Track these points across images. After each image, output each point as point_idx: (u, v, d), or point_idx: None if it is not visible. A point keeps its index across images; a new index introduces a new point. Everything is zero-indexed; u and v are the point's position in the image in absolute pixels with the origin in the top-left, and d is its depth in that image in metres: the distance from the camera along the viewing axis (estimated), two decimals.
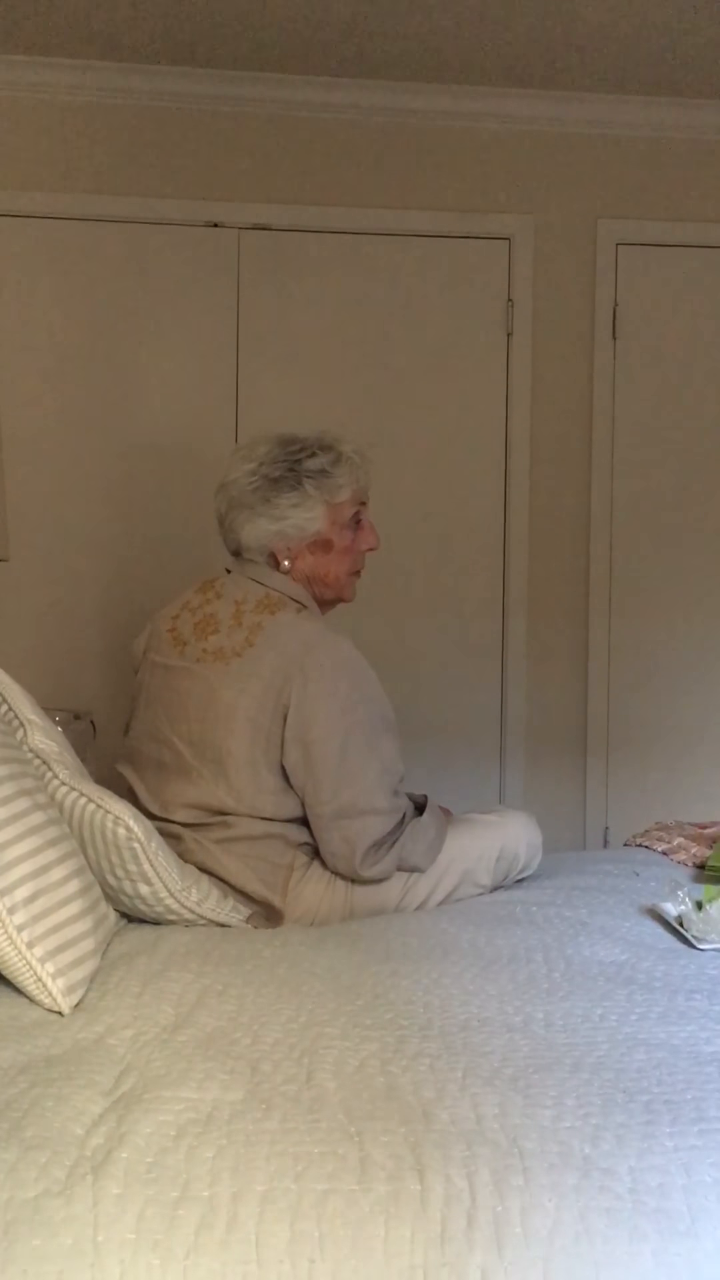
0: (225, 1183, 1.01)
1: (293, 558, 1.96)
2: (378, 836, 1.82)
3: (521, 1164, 1.03)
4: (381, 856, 1.84)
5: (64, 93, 3.20)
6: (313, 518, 1.94)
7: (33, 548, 3.18)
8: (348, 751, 1.82)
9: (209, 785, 1.85)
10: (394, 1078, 1.19)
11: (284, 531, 1.93)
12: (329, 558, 1.98)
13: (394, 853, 1.85)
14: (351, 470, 1.98)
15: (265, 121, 3.28)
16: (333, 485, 1.94)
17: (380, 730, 1.87)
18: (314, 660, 1.83)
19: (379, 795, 1.83)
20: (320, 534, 1.95)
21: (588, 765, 3.41)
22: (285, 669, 1.82)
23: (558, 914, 1.78)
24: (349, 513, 1.99)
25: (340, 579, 2.00)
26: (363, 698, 1.86)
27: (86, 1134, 1.07)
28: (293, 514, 1.93)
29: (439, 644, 3.34)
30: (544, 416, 3.39)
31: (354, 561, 2.02)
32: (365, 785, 1.82)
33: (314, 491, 1.93)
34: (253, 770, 1.83)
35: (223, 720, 1.84)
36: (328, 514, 1.95)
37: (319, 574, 1.98)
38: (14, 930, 1.35)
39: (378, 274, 3.32)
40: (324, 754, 1.82)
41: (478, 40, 3.01)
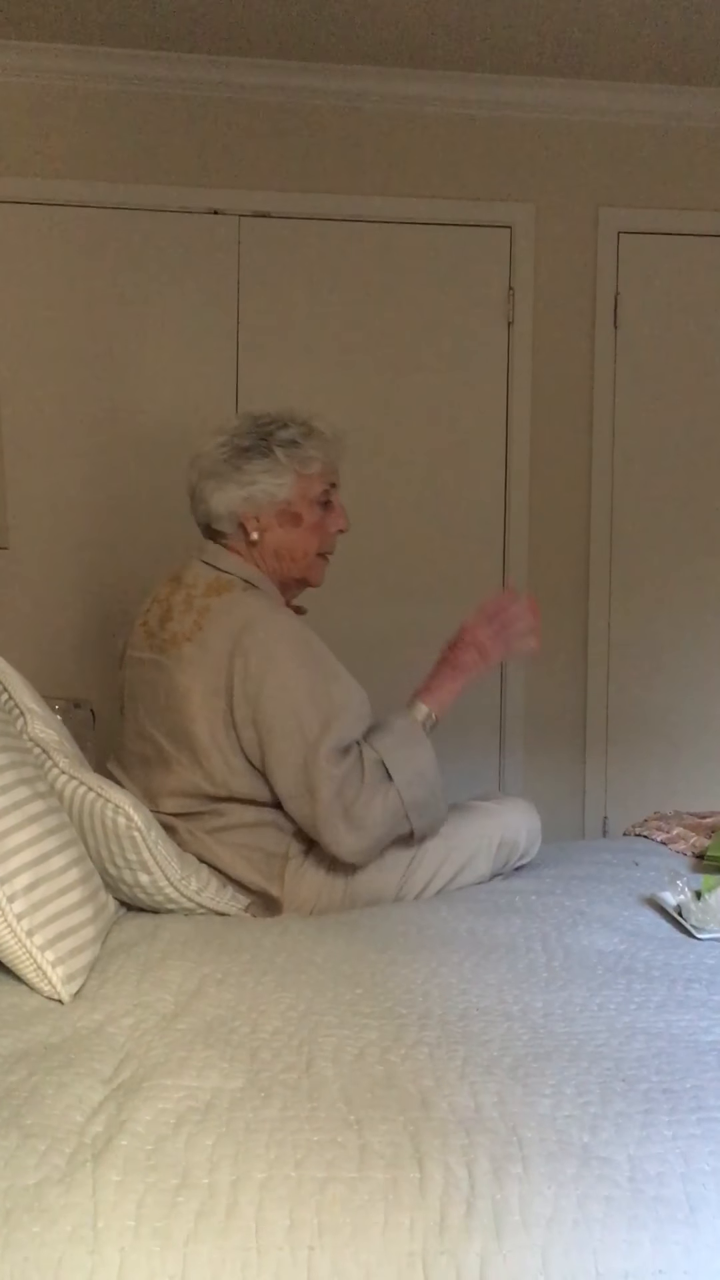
0: (225, 1170, 1.01)
1: (262, 530, 1.95)
2: (335, 795, 1.76)
3: (520, 1152, 1.04)
4: (357, 816, 1.77)
5: (63, 79, 3.19)
6: (282, 484, 1.93)
7: (32, 536, 3.17)
8: (298, 728, 1.79)
9: (187, 772, 1.85)
10: (393, 1066, 1.19)
11: (253, 497, 1.93)
12: (298, 532, 1.97)
13: (369, 808, 1.77)
14: (323, 444, 1.98)
15: (266, 108, 3.27)
16: (303, 456, 1.95)
17: (325, 701, 1.81)
18: (253, 638, 1.82)
19: (330, 760, 1.77)
20: (289, 503, 1.95)
21: (587, 756, 3.41)
22: (228, 649, 1.82)
23: (557, 903, 1.78)
24: (319, 488, 1.98)
25: (308, 557, 1.99)
26: (304, 667, 1.81)
27: (86, 1122, 1.07)
28: (262, 479, 1.92)
29: (438, 634, 3.33)
30: (544, 405, 3.38)
31: (323, 541, 2.01)
32: (319, 757, 1.77)
33: (284, 459, 1.93)
34: (220, 754, 1.83)
35: (183, 707, 1.85)
36: (297, 483, 1.95)
37: (286, 548, 1.97)
38: (13, 918, 1.35)
39: (378, 262, 3.31)
40: (275, 735, 1.79)
41: (480, 27, 2.99)
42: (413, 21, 2.97)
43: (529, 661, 3.38)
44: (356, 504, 3.18)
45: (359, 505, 3.20)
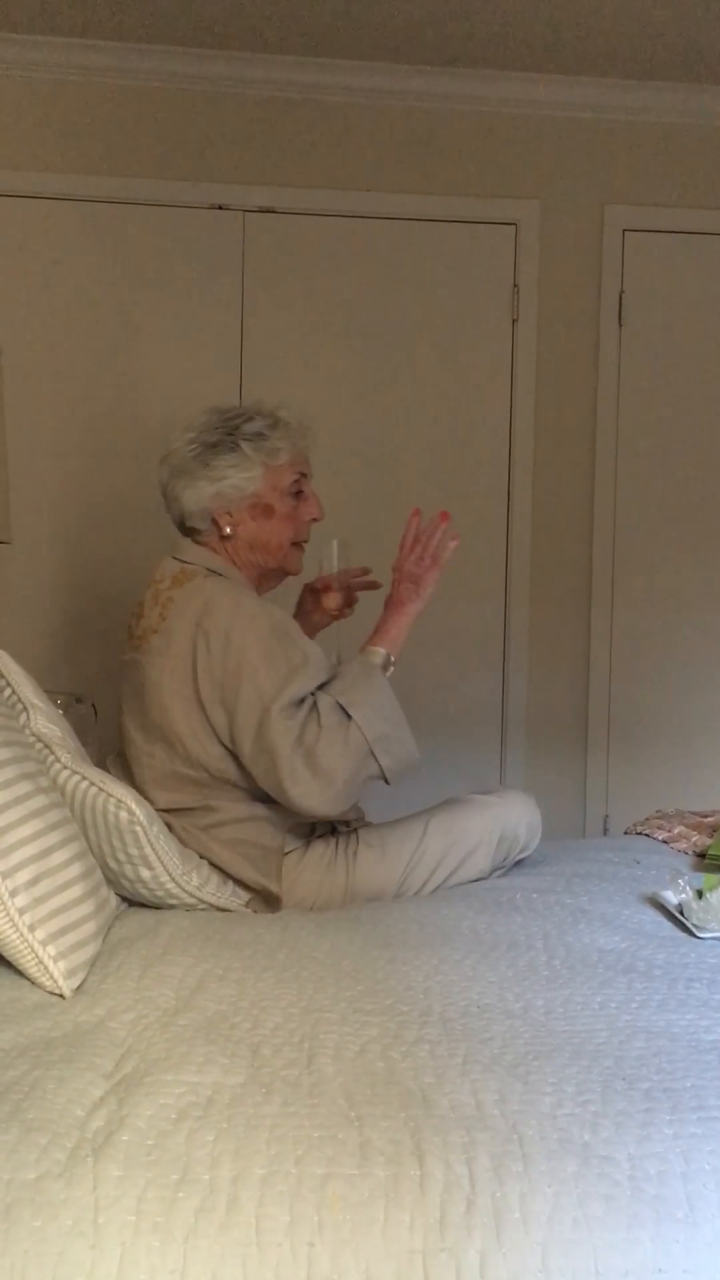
0: (225, 1166, 1.01)
1: (235, 524, 1.96)
2: (294, 745, 1.76)
3: (521, 1150, 1.04)
4: (320, 761, 1.76)
5: (69, 73, 3.18)
6: (251, 478, 1.94)
7: (35, 530, 3.17)
8: (256, 696, 1.78)
9: (170, 764, 1.86)
10: (394, 1063, 1.19)
11: (223, 492, 1.94)
12: (270, 524, 1.98)
13: (330, 749, 1.76)
14: (289, 435, 1.99)
15: (271, 104, 3.26)
16: (270, 448, 1.96)
17: (283, 665, 1.80)
18: (212, 620, 1.83)
19: (284, 714, 1.76)
20: (259, 496, 1.96)
21: (588, 754, 3.41)
22: (191, 634, 1.84)
23: (558, 901, 1.78)
24: (289, 479, 1.99)
25: (283, 546, 2.00)
26: (260, 640, 1.81)
27: (87, 1116, 1.08)
28: (231, 474, 1.94)
29: (440, 631, 3.33)
30: (548, 403, 3.38)
31: (297, 530, 2.02)
32: (272, 714, 1.77)
33: (252, 453, 1.94)
34: (198, 741, 1.84)
35: (158, 698, 1.86)
36: (266, 476, 1.96)
37: (261, 540, 1.98)
38: (16, 913, 1.35)
39: (383, 258, 3.30)
40: (239, 709, 1.79)
41: (486, 24, 2.99)
42: (419, 17, 2.96)
43: (531, 659, 3.38)
44: (359, 501, 3.19)
45: (361, 502, 3.21)
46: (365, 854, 1.90)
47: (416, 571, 1.97)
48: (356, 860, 1.89)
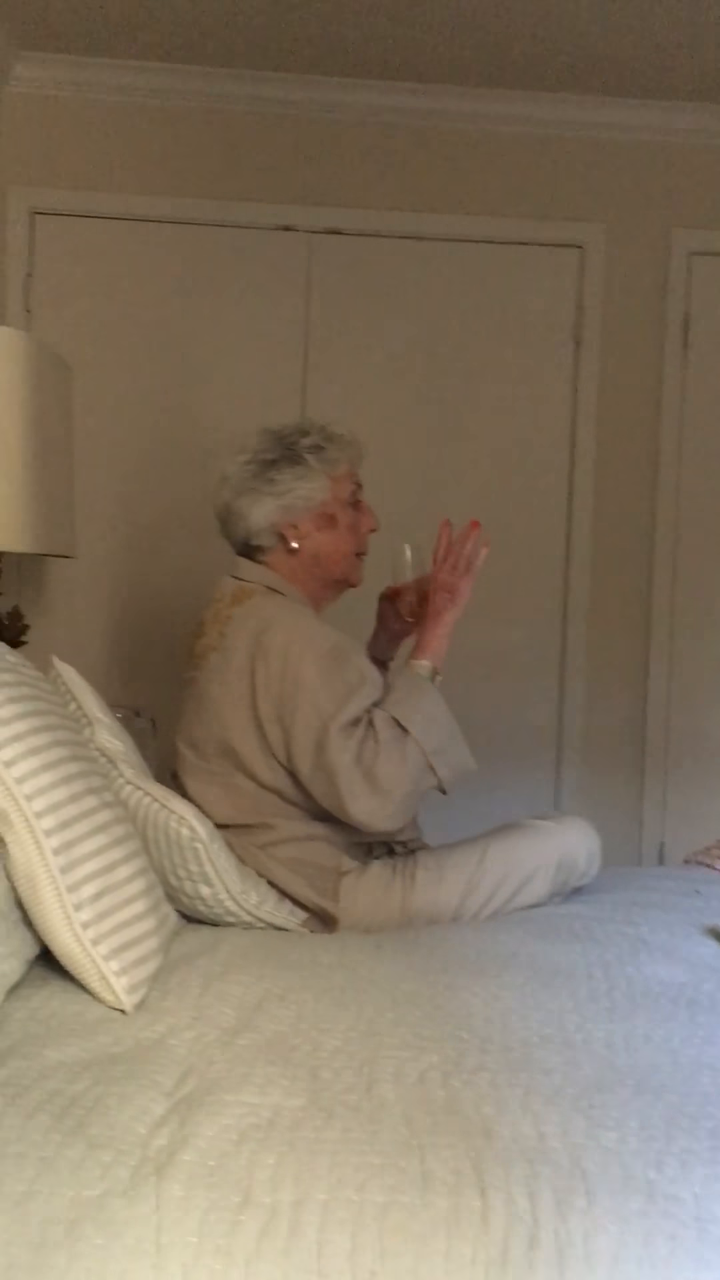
0: (287, 1190, 1.01)
1: (301, 536, 1.98)
2: (353, 763, 1.76)
3: (584, 1186, 1.02)
4: (379, 777, 1.76)
5: (139, 96, 3.23)
6: (316, 488, 1.96)
7: (98, 546, 3.21)
8: (315, 714, 1.80)
9: (230, 781, 1.87)
10: (455, 1091, 1.19)
11: (291, 505, 1.96)
12: (335, 534, 1.99)
13: (389, 764, 1.76)
14: (344, 446, 2.01)
15: (339, 126, 3.29)
16: (329, 458, 1.98)
17: (340, 686, 1.81)
18: (271, 638, 1.84)
19: (342, 734, 1.78)
20: (324, 505, 1.97)
21: (645, 780, 3.37)
22: (250, 652, 1.85)
23: (617, 930, 1.76)
24: (348, 489, 2.01)
25: (347, 557, 2.02)
26: (320, 659, 1.82)
27: (149, 1134, 1.08)
28: (297, 485, 1.96)
29: (497, 651, 3.32)
30: (611, 426, 3.36)
31: (358, 541, 2.03)
32: (330, 734, 1.78)
33: (315, 464, 1.97)
34: (256, 758, 1.86)
35: (217, 716, 1.88)
36: (330, 486, 1.98)
37: (326, 552, 1.99)
38: (79, 927, 1.36)
39: (448, 279, 3.31)
40: (296, 728, 1.81)
41: (555, 46, 2.99)
42: (487, 41, 2.98)
43: (588, 680, 3.36)
44: (418, 520, 3.18)
45: (421, 523, 3.20)
46: (423, 876, 1.90)
47: (451, 581, 1.97)
48: (414, 882, 1.89)
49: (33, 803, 1.36)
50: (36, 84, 3.21)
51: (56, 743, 1.45)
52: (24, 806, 1.36)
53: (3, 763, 1.36)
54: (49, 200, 3.23)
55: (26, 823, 1.36)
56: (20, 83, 3.21)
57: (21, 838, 1.36)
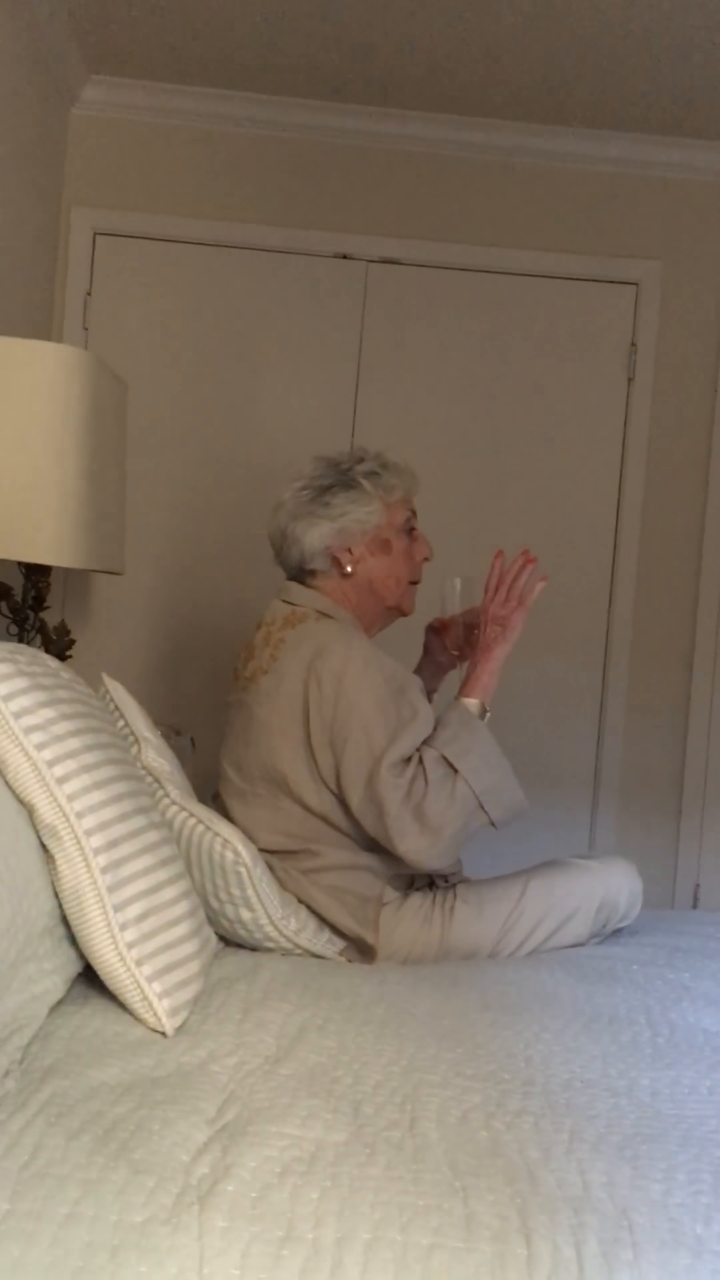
0: (330, 1226, 1.00)
1: (355, 561, 1.98)
2: (402, 801, 1.77)
3: (631, 1238, 1.01)
4: (429, 815, 1.76)
5: (206, 121, 3.27)
6: (372, 511, 1.97)
7: (145, 564, 3.23)
8: (366, 745, 1.80)
9: (276, 803, 1.87)
10: (498, 1134, 1.17)
11: (346, 529, 1.96)
12: (389, 560, 2.00)
13: (438, 803, 1.76)
14: (399, 474, 2.02)
15: (398, 157, 3.32)
16: (385, 484, 1.99)
17: (394, 718, 1.81)
18: (325, 663, 1.84)
19: (392, 771, 1.78)
20: (379, 530, 1.98)
21: (682, 820, 3.34)
22: (303, 677, 1.85)
23: (659, 975, 1.74)
24: (402, 515, 2.02)
25: (401, 584, 2.02)
26: (373, 688, 1.82)
27: (192, 1161, 1.07)
28: (352, 509, 1.96)
29: (536, 686, 3.31)
30: (660, 464, 3.35)
31: (412, 569, 2.04)
32: (382, 769, 1.78)
33: (371, 489, 1.97)
34: (303, 783, 1.85)
35: (265, 739, 1.87)
36: (385, 510, 1.99)
37: (380, 577, 2.00)
38: (124, 947, 1.36)
39: (502, 312, 3.32)
40: (347, 757, 1.81)
41: (615, 85, 3.01)
42: (552, 78, 3.00)
43: (628, 717, 3.34)
44: (464, 549, 3.18)
45: (469, 551, 3.21)
46: (462, 910, 1.88)
47: (503, 614, 1.95)
48: (453, 916, 1.88)
49: (83, 820, 1.37)
50: (104, 107, 3.26)
51: (108, 760, 1.45)
52: (74, 823, 1.36)
53: (55, 779, 1.36)
54: (111, 221, 3.27)
55: (75, 839, 1.36)
56: (88, 105, 3.26)
57: (70, 854, 1.36)
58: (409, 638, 2.27)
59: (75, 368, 2.29)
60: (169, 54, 3.05)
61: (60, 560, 2.28)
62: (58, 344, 2.34)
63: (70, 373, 2.28)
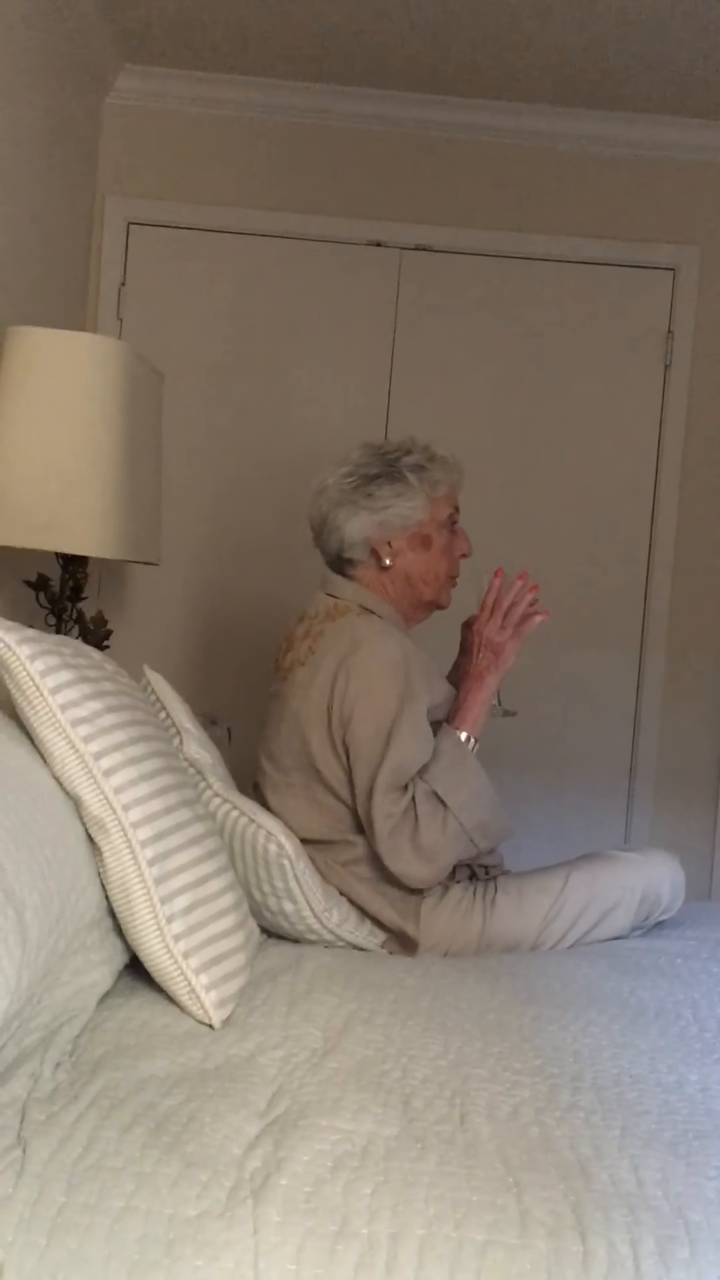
0: (384, 1221, 1.00)
1: (394, 553, 1.97)
2: (390, 832, 1.77)
3: (687, 1236, 1.00)
4: (423, 847, 1.76)
5: (239, 110, 3.26)
6: (415, 506, 1.95)
7: (181, 554, 3.23)
8: (370, 757, 1.79)
9: (311, 795, 1.87)
10: (548, 1129, 1.17)
11: (387, 522, 1.95)
12: (429, 555, 1.98)
13: (429, 838, 1.76)
14: (446, 468, 2.00)
15: (431, 143, 3.29)
16: (431, 479, 1.97)
17: (409, 734, 1.80)
18: (358, 659, 1.83)
19: (386, 796, 1.78)
20: (421, 525, 1.96)
21: (719, 812, 3.31)
22: (335, 669, 1.85)
23: (703, 969, 1.73)
24: (446, 511, 2.00)
25: (439, 579, 2.00)
26: (395, 699, 1.81)
27: (244, 1155, 1.07)
28: (396, 503, 1.94)
29: (572, 675, 3.29)
30: (697, 451, 3.32)
31: (451, 564, 2.02)
32: (378, 790, 1.78)
33: (416, 483, 1.95)
34: (333, 774, 1.85)
35: (297, 731, 1.87)
36: (429, 506, 1.97)
37: (419, 572, 1.98)
38: (171, 940, 1.36)
39: (536, 299, 3.29)
40: (358, 762, 1.81)
41: (651, 68, 2.97)
42: (587, 63, 2.96)
43: (664, 707, 3.31)
44: (500, 540, 3.17)
45: (504, 540, 3.20)
46: (503, 902, 1.88)
47: (498, 641, 1.92)
48: (494, 908, 1.87)
49: (130, 812, 1.37)
50: (138, 96, 3.25)
51: (153, 753, 1.45)
52: (121, 816, 1.37)
53: (102, 771, 1.36)
54: (145, 211, 3.26)
55: (123, 832, 1.36)
56: (122, 94, 3.25)
57: (117, 847, 1.36)
58: (437, 633, 2.25)
59: (111, 358, 2.29)
60: (202, 42, 3.04)
61: (97, 551, 2.28)
62: (93, 335, 2.34)
63: (106, 364, 2.28)
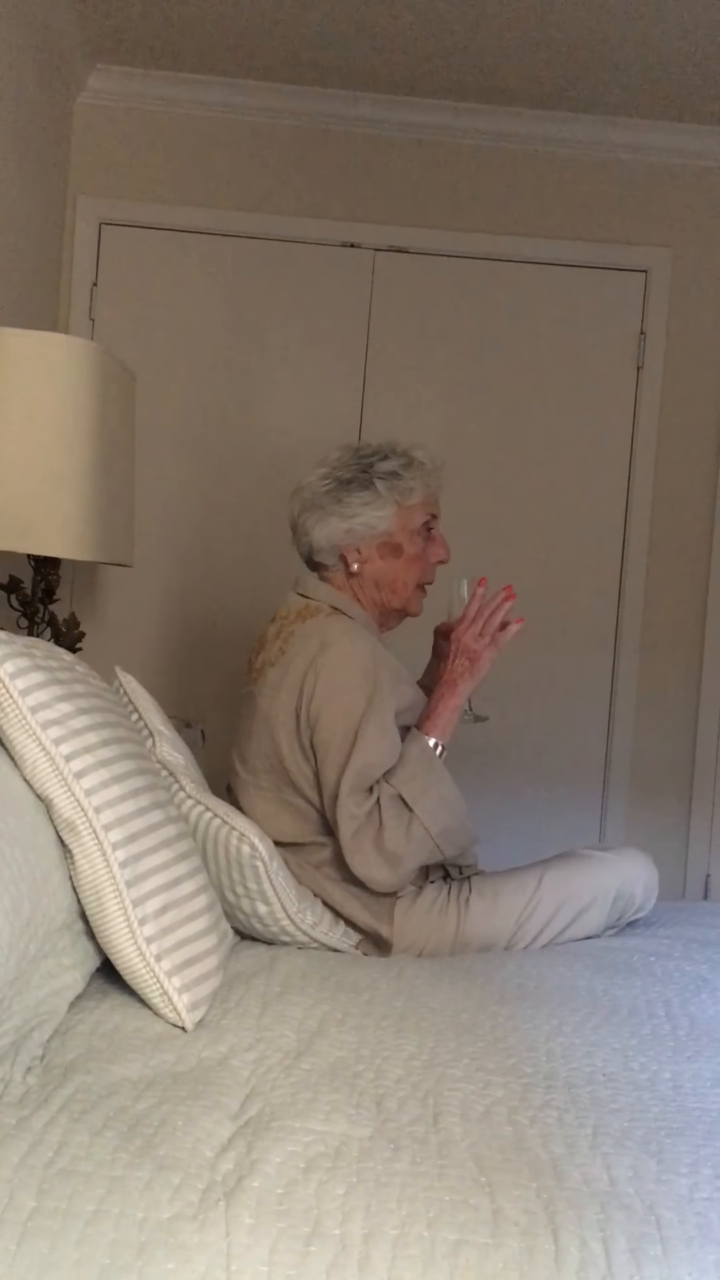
0: (357, 1222, 0.99)
1: (362, 560, 1.96)
2: (354, 834, 1.77)
3: (659, 1234, 1.00)
4: (386, 851, 1.76)
5: (212, 110, 3.26)
6: (383, 516, 1.94)
7: (154, 555, 3.22)
8: (337, 758, 1.80)
9: (274, 793, 1.87)
10: (521, 1128, 1.17)
11: (354, 530, 1.94)
12: (398, 563, 1.98)
13: (392, 842, 1.76)
14: (423, 475, 1.98)
15: (405, 145, 3.30)
16: (404, 487, 1.95)
17: (374, 736, 1.81)
18: (326, 660, 1.83)
19: (352, 799, 1.78)
20: (389, 535, 1.96)
21: (692, 810, 3.33)
22: (304, 670, 1.84)
23: (676, 967, 1.74)
24: (420, 519, 1.99)
25: (408, 587, 2.00)
26: (361, 700, 1.81)
27: (216, 1158, 1.07)
28: (363, 512, 1.94)
29: (548, 677, 3.30)
30: (669, 453, 3.34)
31: (423, 572, 2.01)
32: (343, 793, 1.79)
33: (385, 491, 1.94)
34: (302, 774, 1.85)
35: (267, 731, 1.87)
36: (398, 515, 1.96)
37: (387, 579, 1.98)
38: (143, 942, 1.36)
39: (510, 300, 3.31)
40: (324, 764, 1.81)
41: (620, 71, 2.99)
42: (558, 64, 2.97)
43: (638, 707, 3.33)
44: (474, 541, 3.18)
45: (477, 542, 3.20)
46: (477, 903, 1.88)
47: (475, 649, 1.92)
48: (468, 908, 1.87)
49: (101, 815, 1.36)
50: (109, 96, 3.24)
51: (124, 755, 1.44)
52: (92, 818, 1.36)
53: (73, 774, 1.35)
54: (117, 211, 3.25)
55: (94, 834, 1.36)
56: (93, 94, 3.24)
57: (89, 849, 1.36)
58: (412, 637, 2.25)
59: (83, 359, 2.28)
60: (174, 43, 3.03)
61: (69, 553, 2.27)
62: (65, 335, 2.33)
63: (78, 364, 2.27)
